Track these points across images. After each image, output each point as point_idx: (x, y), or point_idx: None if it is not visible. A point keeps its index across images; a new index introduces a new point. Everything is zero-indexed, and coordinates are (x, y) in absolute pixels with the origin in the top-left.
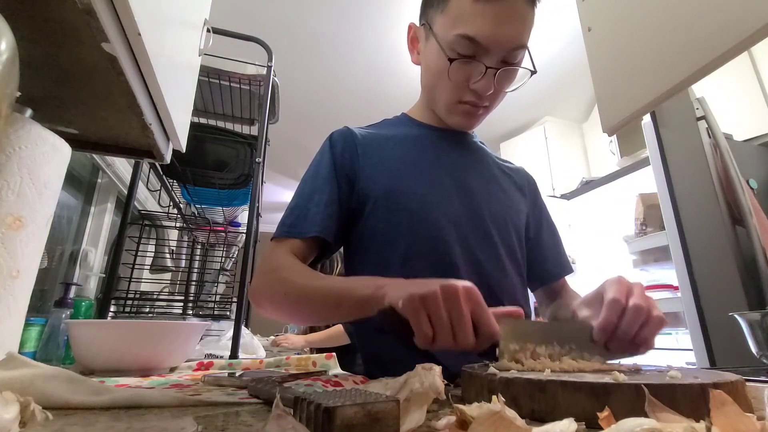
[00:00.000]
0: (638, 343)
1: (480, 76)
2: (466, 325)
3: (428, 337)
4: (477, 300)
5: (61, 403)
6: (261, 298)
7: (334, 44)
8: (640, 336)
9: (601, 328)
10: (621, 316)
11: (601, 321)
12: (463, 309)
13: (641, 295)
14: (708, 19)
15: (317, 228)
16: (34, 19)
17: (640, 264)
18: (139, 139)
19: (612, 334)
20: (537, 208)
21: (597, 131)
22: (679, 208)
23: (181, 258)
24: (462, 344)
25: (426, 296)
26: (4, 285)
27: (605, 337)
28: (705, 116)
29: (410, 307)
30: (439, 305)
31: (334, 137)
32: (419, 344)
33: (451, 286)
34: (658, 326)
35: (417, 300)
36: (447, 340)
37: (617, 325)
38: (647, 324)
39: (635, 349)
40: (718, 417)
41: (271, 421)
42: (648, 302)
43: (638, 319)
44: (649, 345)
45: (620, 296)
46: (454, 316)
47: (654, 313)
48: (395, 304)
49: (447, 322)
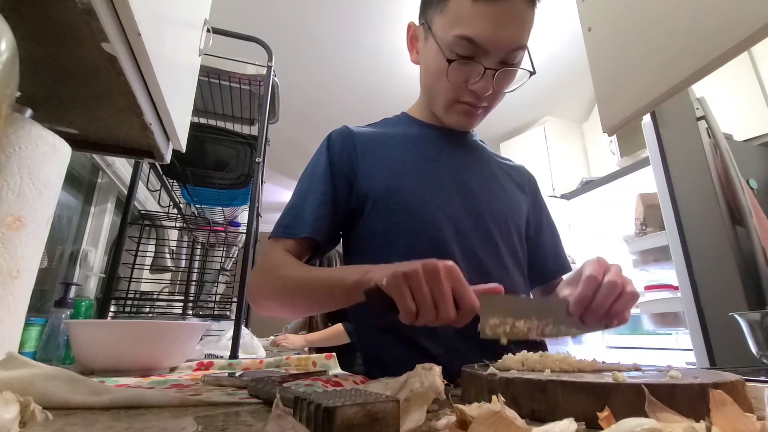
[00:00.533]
0: (611, 315)
1: (479, 77)
2: (447, 300)
3: (412, 313)
4: (457, 276)
5: (61, 403)
6: (259, 296)
7: (334, 44)
8: (613, 309)
9: (577, 302)
10: (596, 290)
11: (577, 295)
12: (444, 285)
13: (617, 272)
14: (708, 19)
15: (309, 229)
16: (34, 19)
17: (640, 264)
18: (139, 139)
19: (587, 307)
20: (537, 207)
21: (597, 131)
22: (679, 208)
23: (181, 258)
24: (444, 319)
25: (408, 273)
26: (4, 285)
27: (580, 311)
28: (705, 116)
29: (394, 284)
30: (421, 281)
31: (332, 137)
32: (404, 320)
33: (432, 263)
34: (631, 300)
35: (400, 277)
36: (429, 315)
37: (592, 299)
38: (620, 298)
39: (609, 321)
40: (718, 417)
41: (271, 421)
42: (623, 279)
43: (612, 293)
44: (622, 318)
45: (597, 273)
46: (436, 291)
47: (628, 288)
48: (380, 283)
49: (429, 297)
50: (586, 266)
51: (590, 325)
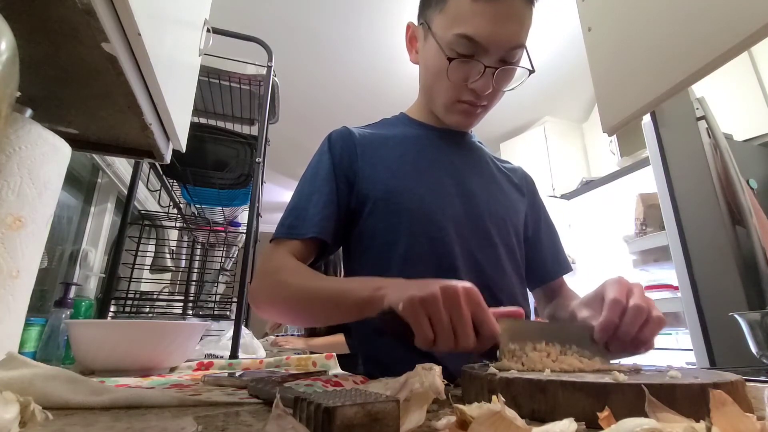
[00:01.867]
0: (639, 343)
1: (479, 76)
2: (467, 327)
3: (429, 340)
4: (477, 301)
5: (61, 403)
6: (260, 301)
7: (334, 44)
8: (640, 336)
9: (602, 328)
10: (621, 316)
11: (602, 321)
12: (464, 311)
13: (641, 295)
14: (708, 19)
15: (316, 229)
16: (34, 19)
17: (640, 264)
18: (139, 139)
19: (613, 334)
20: (535, 208)
21: (597, 131)
22: (679, 208)
23: (181, 258)
24: (463, 346)
25: (426, 299)
26: (4, 285)
27: (606, 337)
28: (705, 116)
29: (410, 310)
30: (440, 307)
31: (332, 137)
32: (420, 346)
33: (452, 288)
34: (658, 326)
35: (417, 303)
36: (448, 342)
37: (618, 325)
38: (647, 324)
39: (635, 349)
40: (718, 417)
41: (271, 421)
42: (648, 303)
43: (639, 319)
44: (650, 345)
45: (621, 296)
46: (455, 318)
47: (654, 313)
48: (395, 307)
49: (448, 324)
50: (608, 287)
51: (615, 352)
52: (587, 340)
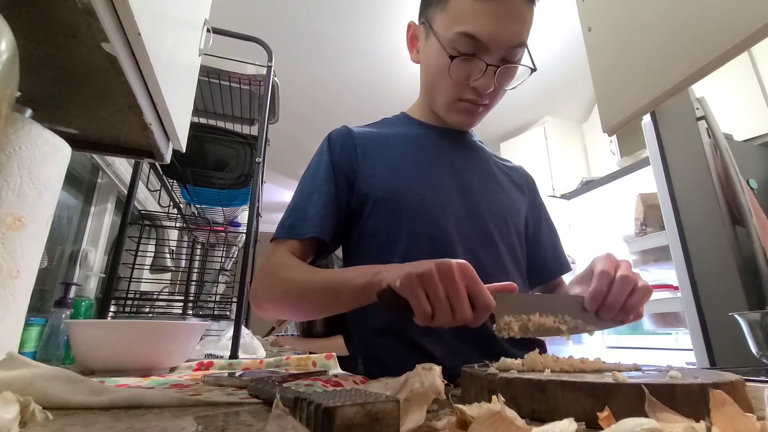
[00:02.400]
0: (627, 310)
1: (480, 74)
2: (463, 300)
3: (427, 314)
4: (471, 275)
5: (61, 403)
6: (261, 300)
7: (334, 44)
8: (628, 304)
9: (592, 297)
10: (610, 285)
11: (592, 290)
12: (459, 284)
13: (628, 268)
14: (708, 19)
15: (315, 229)
16: (34, 19)
17: (640, 264)
18: (139, 139)
19: (602, 302)
20: (536, 207)
21: (597, 131)
22: (679, 208)
23: (181, 258)
24: (460, 319)
25: (422, 274)
26: (4, 285)
27: (596, 306)
28: (705, 116)
29: (408, 286)
30: (436, 282)
31: (332, 137)
32: (419, 322)
33: (446, 263)
34: (646, 294)
35: (414, 278)
36: (446, 315)
37: (607, 294)
38: (635, 292)
39: (625, 316)
40: (718, 417)
41: (271, 421)
42: (635, 275)
43: (626, 288)
44: (638, 313)
45: (609, 269)
46: (451, 291)
47: (641, 283)
48: (393, 284)
49: (444, 298)
50: (597, 262)
51: (606, 320)
52: (579, 310)
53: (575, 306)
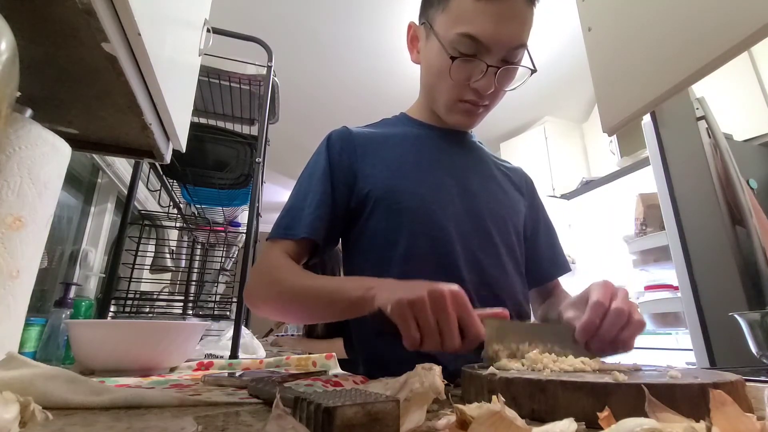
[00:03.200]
0: (618, 344)
1: (481, 75)
2: (453, 329)
3: (416, 341)
4: (463, 303)
5: (61, 403)
6: (255, 298)
7: (334, 44)
8: (620, 337)
9: (583, 329)
10: (603, 317)
11: (584, 322)
12: (450, 313)
13: (624, 299)
14: (708, 19)
15: (307, 230)
16: (34, 19)
17: (640, 264)
18: (139, 139)
19: (593, 334)
20: (534, 208)
21: (597, 131)
22: (679, 208)
23: (181, 258)
24: (448, 347)
25: (414, 301)
26: (4, 285)
27: (587, 337)
28: (705, 116)
29: (398, 313)
30: (427, 310)
31: (332, 137)
32: (407, 346)
33: (438, 291)
34: (638, 329)
35: (405, 305)
36: (434, 343)
37: (599, 327)
38: (627, 326)
39: (615, 350)
40: (718, 417)
41: (271, 421)
42: (630, 306)
43: (619, 322)
44: (629, 347)
45: (604, 299)
46: (441, 320)
47: (635, 316)
48: (384, 309)
49: (434, 326)
50: (593, 290)
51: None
52: (569, 340)
53: (566, 336)
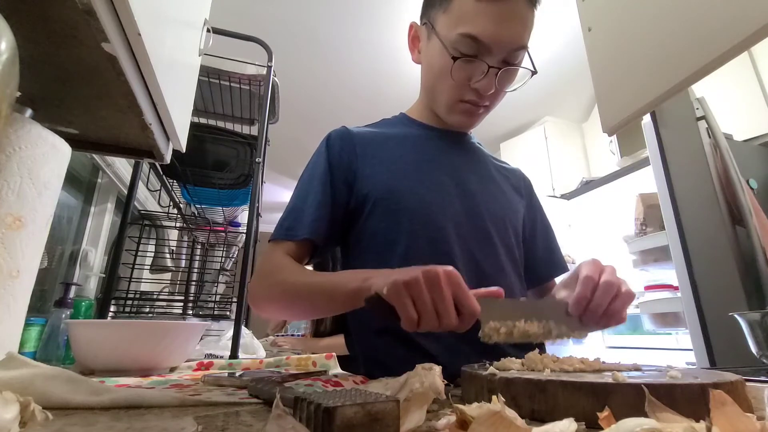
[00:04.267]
0: (610, 315)
1: (482, 76)
2: (449, 307)
3: (413, 321)
4: (457, 282)
5: (61, 403)
6: (260, 299)
7: (334, 44)
8: (611, 308)
9: (576, 302)
10: (593, 291)
11: (576, 295)
12: (445, 291)
13: (612, 273)
14: (708, 19)
15: (308, 230)
16: (34, 19)
17: (640, 264)
18: (139, 139)
19: (586, 307)
20: (532, 209)
21: (597, 131)
22: (679, 208)
23: (181, 258)
24: (446, 325)
25: (409, 282)
26: (4, 285)
27: (579, 310)
28: (705, 116)
29: (394, 293)
30: (422, 289)
31: (331, 137)
32: (405, 327)
33: (432, 270)
34: (628, 299)
35: (401, 286)
36: (431, 322)
37: (590, 299)
38: (617, 297)
39: (607, 321)
40: (718, 417)
41: (271, 421)
42: (618, 280)
43: (609, 293)
44: (620, 317)
45: (593, 274)
46: (437, 298)
47: (624, 288)
48: (380, 291)
49: (430, 305)
50: (582, 268)
51: (589, 325)
52: (563, 315)
53: (559, 311)
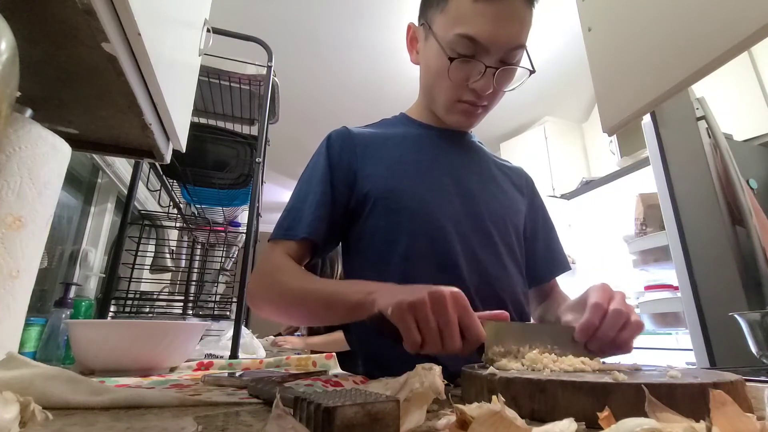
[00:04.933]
0: (617, 345)
1: (479, 76)
2: (454, 331)
3: (416, 343)
4: (464, 305)
5: (61, 403)
6: (258, 299)
7: (334, 44)
8: (619, 338)
9: (582, 329)
10: (602, 318)
11: (583, 322)
12: (451, 315)
13: (622, 301)
14: (708, 19)
15: (307, 230)
16: (34, 19)
17: (640, 264)
18: (139, 139)
19: (593, 335)
20: (534, 208)
21: (597, 131)
22: (679, 208)
23: (181, 258)
24: (449, 349)
25: (414, 303)
26: (4, 285)
27: (586, 338)
28: (705, 116)
29: (399, 315)
30: (427, 312)
31: (332, 137)
32: (408, 349)
33: (439, 292)
34: (637, 330)
35: (406, 307)
36: (435, 345)
37: (598, 327)
38: (626, 327)
39: (614, 351)
40: (718, 417)
41: (271, 421)
42: (628, 308)
43: (618, 322)
44: (628, 348)
45: (602, 301)
46: (442, 322)
47: (633, 318)
48: (384, 311)
49: (435, 328)
50: (591, 293)
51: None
52: (568, 341)
53: (565, 337)
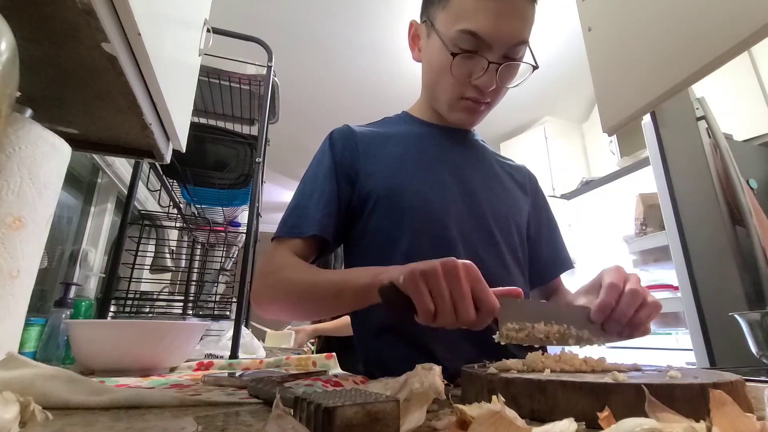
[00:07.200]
0: (634, 325)
1: (482, 72)
2: (467, 301)
3: (430, 313)
4: (476, 276)
5: (61, 403)
6: (263, 300)
7: (334, 44)
8: (636, 319)
9: (599, 309)
10: (618, 298)
11: (599, 302)
12: (464, 285)
13: (637, 282)
14: (708, 19)
15: (316, 227)
16: (34, 19)
17: (640, 264)
18: (139, 139)
19: (609, 315)
20: (538, 207)
21: (597, 131)
22: (679, 208)
23: (181, 258)
24: (463, 320)
25: (427, 272)
26: (4, 285)
27: (602, 318)
28: (705, 116)
29: (411, 282)
30: (440, 280)
31: (334, 136)
32: (421, 320)
33: (451, 262)
34: (655, 310)
35: (418, 275)
36: (449, 315)
37: (614, 308)
38: (643, 307)
39: (631, 332)
40: (718, 417)
41: (271, 421)
42: (644, 290)
43: (635, 302)
44: (645, 328)
45: (618, 281)
46: (455, 291)
47: (650, 298)
48: (396, 281)
49: (448, 297)
50: (606, 274)
51: (611, 333)
52: (584, 321)
53: (581, 317)
